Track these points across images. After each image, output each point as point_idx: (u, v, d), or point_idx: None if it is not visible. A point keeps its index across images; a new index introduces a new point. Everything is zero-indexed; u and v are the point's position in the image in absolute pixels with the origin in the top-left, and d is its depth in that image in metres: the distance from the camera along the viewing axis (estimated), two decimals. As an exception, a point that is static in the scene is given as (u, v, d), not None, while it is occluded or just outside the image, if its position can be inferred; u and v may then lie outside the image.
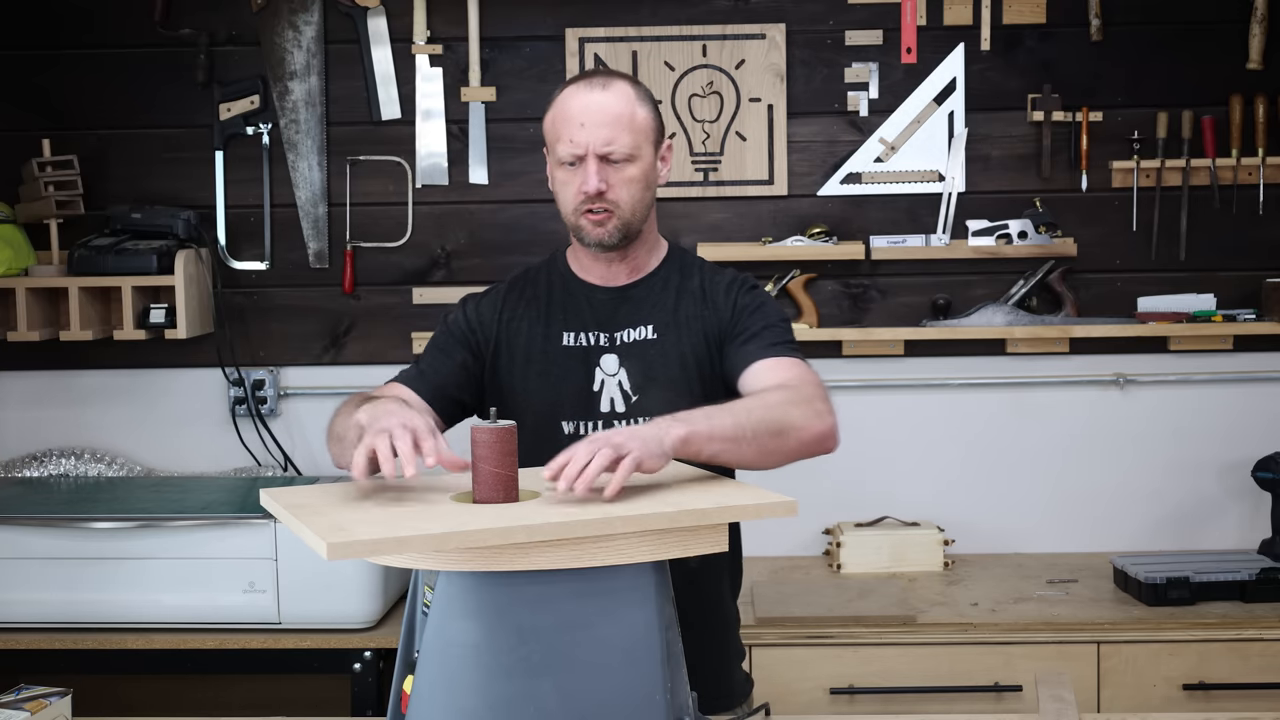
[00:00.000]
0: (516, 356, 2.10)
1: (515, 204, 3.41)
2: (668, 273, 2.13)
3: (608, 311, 2.10)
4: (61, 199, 3.31)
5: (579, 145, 1.99)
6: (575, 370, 2.07)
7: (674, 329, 2.08)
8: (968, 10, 3.35)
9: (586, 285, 2.12)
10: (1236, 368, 3.38)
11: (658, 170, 2.08)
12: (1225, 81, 3.32)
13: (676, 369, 2.06)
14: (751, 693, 2.23)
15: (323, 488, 1.76)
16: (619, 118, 2.00)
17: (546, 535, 1.50)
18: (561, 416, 2.06)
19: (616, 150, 1.99)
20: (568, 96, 2.03)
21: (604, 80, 2.03)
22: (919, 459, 3.43)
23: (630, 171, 2.01)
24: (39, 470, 3.42)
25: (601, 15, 3.37)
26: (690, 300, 2.10)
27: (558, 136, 2.02)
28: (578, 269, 2.14)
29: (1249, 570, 2.98)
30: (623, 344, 2.08)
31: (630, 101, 2.02)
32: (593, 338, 2.09)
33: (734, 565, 2.20)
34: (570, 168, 2.02)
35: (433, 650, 1.56)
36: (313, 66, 3.40)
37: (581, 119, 2.00)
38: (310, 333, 3.46)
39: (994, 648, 2.86)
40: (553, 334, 2.10)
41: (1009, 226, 3.30)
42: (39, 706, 1.94)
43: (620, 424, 2.03)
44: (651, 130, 2.04)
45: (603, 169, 2.00)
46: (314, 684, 2.84)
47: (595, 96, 2.01)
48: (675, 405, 1.92)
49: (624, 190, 2.01)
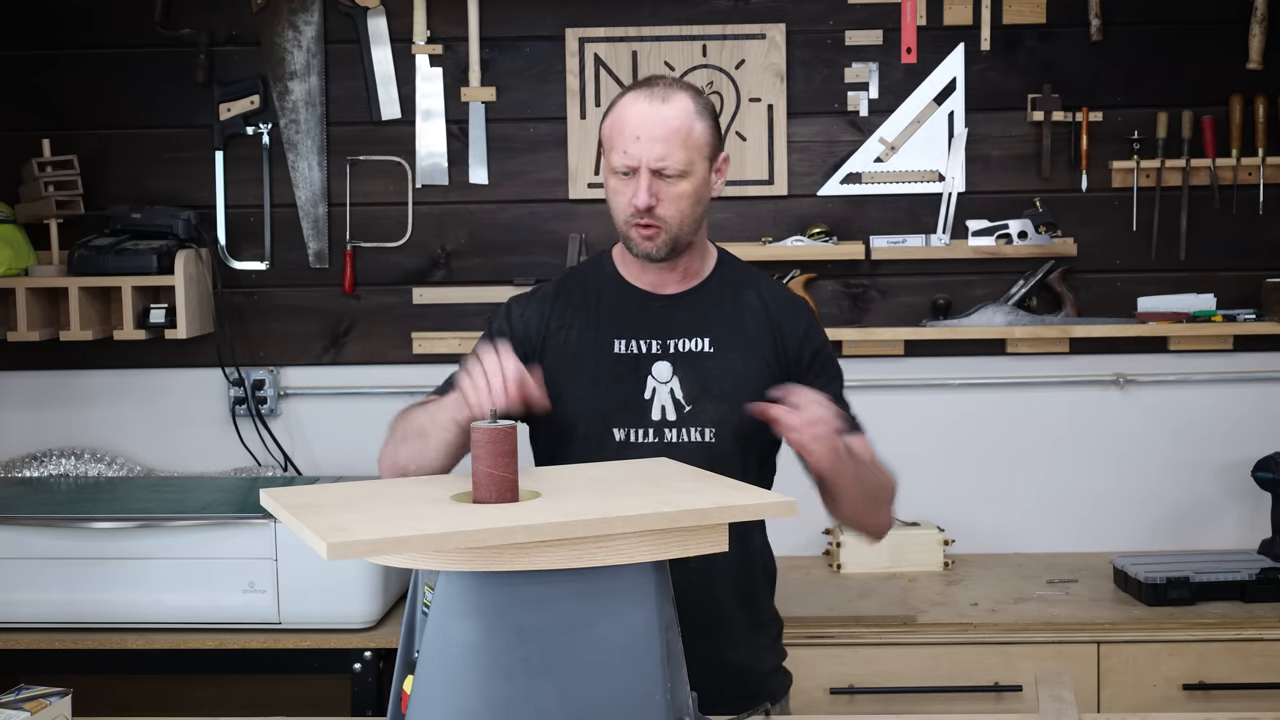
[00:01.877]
0: (566, 364, 2.08)
1: (515, 204, 3.41)
2: (720, 281, 2.14)
3: (661, 319, 2.09)
4: (61, 199, 3.31)
5: (633, 158, 1.99)
6: (626, 378, 2.07)
7: (732, 345, 2.08)
8: (968, 10, 3.35)
9: (638, 291, 2.12)
10: (1236, 368, 3.38)
11: (711, 184, 2.07)
12: (1225, 81, 3.33)
13: (730, 384, 2.06)
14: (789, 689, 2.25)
15: (323, 488, 1.76)
16: (675, 133, 1.98)
17: (546, 535, 1.50)
18: (613, 424, 2.05)
19: (670, 166, 1.99)
20: (627, 104, 2.02)
21: (665, 91, 2.01)
22: (919, 459, 3.41)
23: (682, 187, 2.00)
24: (39, 470, 3.42)
25: (601, 15, 3.37)
26: (751, 318, 2.11)
27: (613, 145, 2.02)
28: (626, 273, 2.13)
29: (1249, 570, 2.98)
30: (677, 353, 2.07)
31: (689, 116, 2.00)
32: (644, 345, 2.08)
33: (769, 563, 2.22)
34: (624, 177, 2.01)
35: (433, 650, 1.56)
36: (313, 66, 3.40)
37: (638, 131, 1.98)
38: (310, 333, 3.46)
39: (994, 648, 2.86)
40: (603, 340, 2.09)
41: (1009, 226, 3.30)
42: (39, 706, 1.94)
43: (671, 432, 2.04)
44: (707, 145, 2.03)
45: (654, 183, 1.99)
46: (314, 684, 2.84)
47: (654, 108, 1.99)
48: (727, 417, 2.04)
49: (673, 206, 2.01)
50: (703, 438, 2.05)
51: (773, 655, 2.22)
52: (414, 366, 3.40)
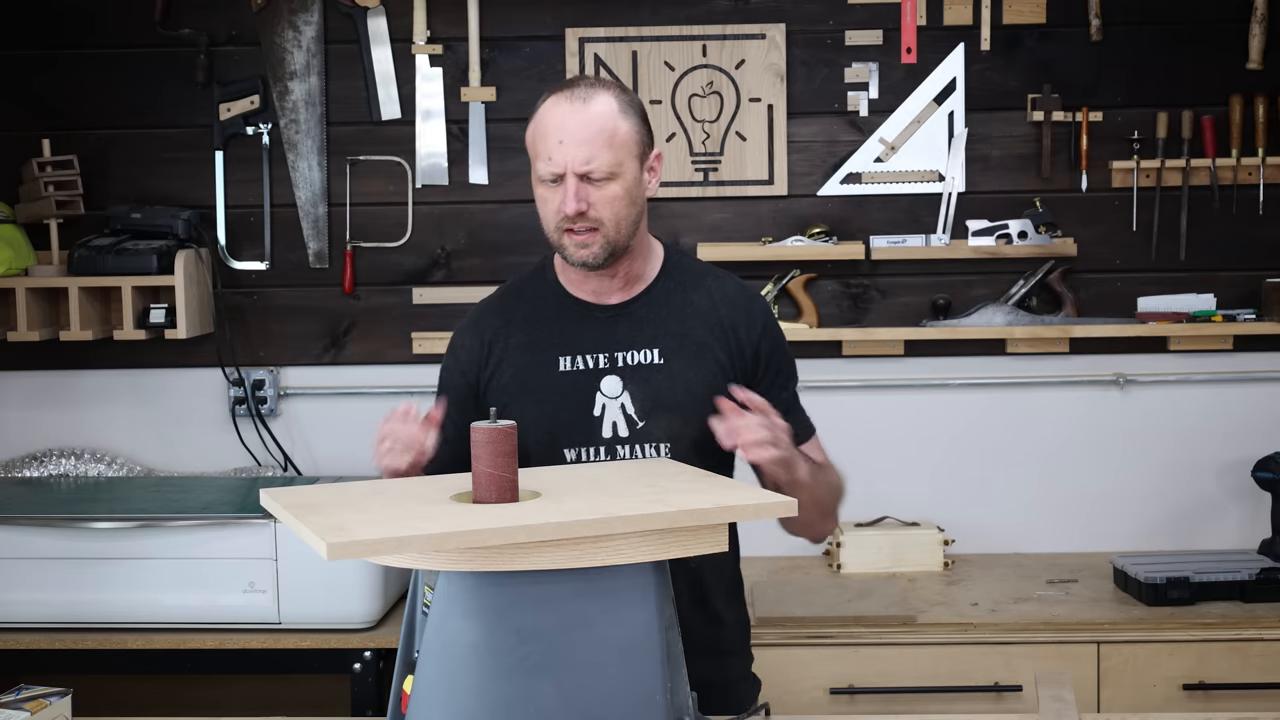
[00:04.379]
0: (511, 386, 2.03)
1: (515, 204, 3.40)
2: (667, 285, 2.07)
3: (606, 331, 2.03)
4: (61, 199, 3.31)
5: (557, 164, 1.92)
6: (573, 396, 2.01)
7: (682, 354, 2.02)
8: (968, 10, 3.35)
9: (580, 304, 2.05)
10: (1236, 368, 3.38)
11: (644, 183, 1.99)
12: (1225, 81, 3.32)
13: (683, 394, 2.00)
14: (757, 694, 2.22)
15: (322, 488, 1.76)
16: (599, 134, 1.91)
17: (546, 535, 1.50)
18: (562, 444, 2.00)
19: (596, 169, 1.91)
20: (547, 110, 1.95)
21: (585, 92, 1.94)
22: (919, 459, 3.43)
23: (612, 189, 1.93)
24: (39, 470, 3.42)
25: (601, 15, 3.37)
26: (699, 322, 2.04)
27: (536, 152, 1.96)
28: (568, 284, 2.07)
29: (1249, 570, 2.98)
30: (625, 366, 2.01)
31: (611, 116, 1.93)
32: (591, 360, 2.02)
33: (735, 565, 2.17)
34: (551, 185, 1.94)
35: (433, 650, 1.56)
36: (313, 66, 3.40)
37: (560, 135, 1.91)
38: (310, 333, 3.46)
39: (994, 648, 2.85)
40: (547, 359, 2.02)
41: (1009, 226, 3.30)
42: (39, 706, 1.94)
43: (623, 449, 1.99)
44: (635, 144, 1.95)
45: (582, 188, 1.91)
46: (314, 684, 2.84)
47: (576, 110, 1.92)
48: (682, 431, 1.99)
49: (606, 209, 1.93)
50: (658, 453, 1.99)
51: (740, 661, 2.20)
52: (414, 366, 3.40)
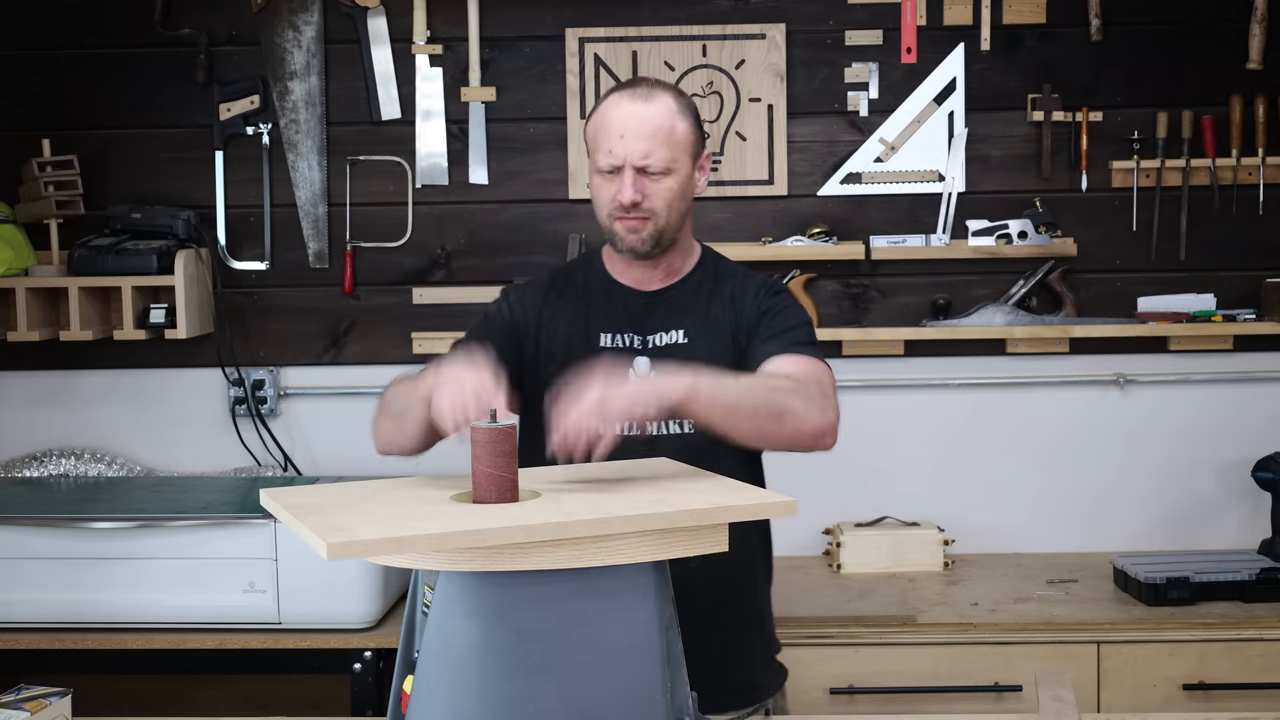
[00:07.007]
0: (556, 354, 2.12)
1: (515, 204, 3.41)
2: (701, 277, 2.17)
3: (642, 314, 2.14)
4: (61, 199, 3.31)
5: (617, 156, 2.03)
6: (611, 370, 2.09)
7: (704, 335, 2.12)
8: (968, 10, 3.35)
9: (622, 288, 2.17)
10: (1236, 368, 3.38)
11: (695, 181, 2.11)
12: (1225, 81, 3.32)
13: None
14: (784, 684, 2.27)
15: (322, 488, 1.76)
16: (658, 131, 2.03)
17: (546, 535, 1.50)
18: None
19: (654, 164, 2.03)
20: (610, 106, 2.07)
21: (647, 91, 2.06)
22: (919, 459, 3.43)
23: (667, 183, 2.05)
24: (39, 470, 3.42)
25: (601, 15, 3.37)
26: (720, 305, 2.14)
27: (597, 145, 2.07)
28: (613, 271, 2.18)
29: (1249, 570, 2.98)
30: (654, 347, 2.12)
31: (671, 115, 2.05)
32: (627, 339, 2.13)
33: (767, 558, 2.26)
34: (609, 176, 2.06)
35: (433, 650, 1.56)
36: (313, 66, 3.40)
37: (621, 130, 2.03)
38: (310, 333, 3.46)
39: (994, 648, 2.86)
40: (591, 334, 2.13)
41: (1009, 226, 3.30)
42: (39, 706, 1.94)
43: (650, 424, 2.04)
44: (690, 143, 2.08)
45: (639, 180, 2.03)
46: (314, 684, 2.84)
47: (636, 108, 2.04)
48: None
49: (660, 200, 2.05)
50: (681, 429, 2.08)
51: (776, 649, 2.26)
52: (414, 367, 3.38)
